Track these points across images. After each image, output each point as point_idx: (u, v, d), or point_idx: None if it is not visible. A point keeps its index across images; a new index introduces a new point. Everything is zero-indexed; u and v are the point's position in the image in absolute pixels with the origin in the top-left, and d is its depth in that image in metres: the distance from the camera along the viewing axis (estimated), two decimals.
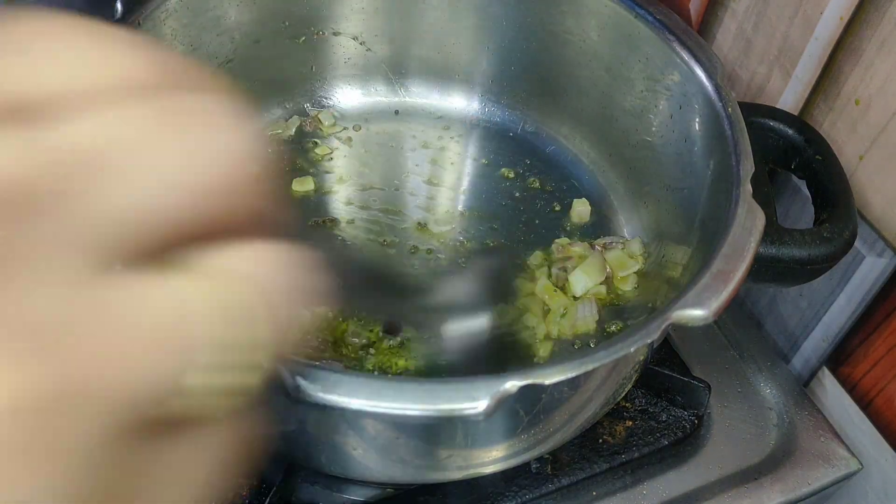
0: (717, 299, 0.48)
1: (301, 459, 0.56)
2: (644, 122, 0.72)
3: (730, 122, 0.60)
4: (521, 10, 0.77)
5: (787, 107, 0.70)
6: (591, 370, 0.44)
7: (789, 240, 0.56)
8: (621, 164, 0.76)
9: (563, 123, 0.81)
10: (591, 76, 0.76)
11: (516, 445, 0.52)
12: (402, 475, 0.56)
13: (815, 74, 0.66)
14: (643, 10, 0.68)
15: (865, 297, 0.66)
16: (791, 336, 0.75)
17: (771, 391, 0.71)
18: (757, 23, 0.70)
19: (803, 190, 0.67)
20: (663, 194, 0.71)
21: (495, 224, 0.75)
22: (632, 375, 0.54)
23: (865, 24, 0.61)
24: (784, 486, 0.64)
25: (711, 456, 0.66)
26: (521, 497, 0.61)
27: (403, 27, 0.81)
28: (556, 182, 0.79)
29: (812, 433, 0.69)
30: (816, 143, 0.63)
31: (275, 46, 0.77)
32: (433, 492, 0.60)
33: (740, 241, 0.51)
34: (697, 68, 0.64)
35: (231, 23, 0.72)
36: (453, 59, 0.83)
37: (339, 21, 0.79)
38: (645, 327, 0.46)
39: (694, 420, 0.66)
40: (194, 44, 0.69)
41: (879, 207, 0.64)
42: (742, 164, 0.56)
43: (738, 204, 0.54)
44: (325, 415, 0.47)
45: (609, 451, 0.64)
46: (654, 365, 0.67)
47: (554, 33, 0.77)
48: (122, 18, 0.61)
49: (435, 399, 0.41)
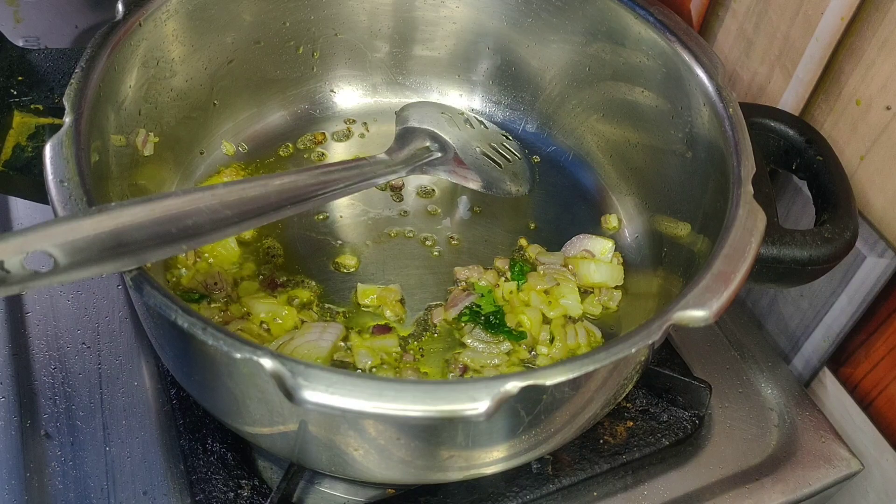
0: (718, 300, 0.48)
1: (302, 460, 0.57)
2: (645, 123, 0.72)
3: (731, 123, 0.59)
4: (521, 11, 0.77)
5: (788, 107, 0.70)
6: (592, 371, 0.44)
7: (790, 240, 0.56)
8: (622, 165, 0.76)
9: (563, 124, 0.81)
10: (592, 77, 0.76)
11: (517, 446, 0.52)
12: (402, 476, 0.56)
13: (816, 75, 0.66)
14: (644, 11, 0.68)
15: (866, 298, 0.66)
16: (792, 336, 0.75)
17: (772, 391, 0.71)
18: (758, 23, 0.70)
19: (804, 190, 0.67)
20: (665, 195, 0.71)
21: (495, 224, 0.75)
22: (633, 376, 0.54)
23: (866, 25, 0.61)
24: (785, 487, 0.65)
25: (712, 456, 0.66)
26: (521, 497, 0.61)
27: (403, 27, 0.81)
28: (556, 182, 0.79)
29: (813, 434, 0.69)
30: (817, 144, 0.63)
31: (275, 47, 0.77)
32: (434, 492, 0.60)
33: (741, 242, 0.51)
34: (699, 69, 0.64)
35: (232, 23, 0.72)
36: (453, 59, 0.83)
37: (339, 22, 0.79)
38: (646, 328, 0.46)
39: (695, 420, 0.66)
40: (195, 44, 0.69)
41: (880, 208, 0.64)
42: (743, 165, 0.56)
43: (739, 205, 0.53)
44: (326, 415, 0.47)
45: (610, 452, 0.64)
46: (656, 365, 0.67)
47: (555, 34, 0.77)
48: (123, 19, 0.61)
49: (436, 400, 0.41)
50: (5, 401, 0.65)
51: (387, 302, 0.66)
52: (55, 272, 0.42)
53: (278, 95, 0.80)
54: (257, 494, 0.59)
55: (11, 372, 0.66)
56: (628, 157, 0.76)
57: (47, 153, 0.50)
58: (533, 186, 0.77)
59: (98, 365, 0.67)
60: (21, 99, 0.60)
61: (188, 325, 0.43)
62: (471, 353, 0.64)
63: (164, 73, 0.67)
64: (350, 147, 0.80)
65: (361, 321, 0.65)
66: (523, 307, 0.67)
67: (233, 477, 0.59)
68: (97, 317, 0.71)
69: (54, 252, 0.42)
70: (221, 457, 0.60)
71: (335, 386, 0.41)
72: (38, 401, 0.65)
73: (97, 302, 0.72)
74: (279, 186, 0.55)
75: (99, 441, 0.63)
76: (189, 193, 0.49)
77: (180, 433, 0.62)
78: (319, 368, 0.42)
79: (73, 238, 0.43)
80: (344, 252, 0.70)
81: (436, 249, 0.72)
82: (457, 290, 0.68)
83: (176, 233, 0.47)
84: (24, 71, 0.62)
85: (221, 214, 0.50)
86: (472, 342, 0.64)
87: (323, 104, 0.82)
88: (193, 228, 0.48)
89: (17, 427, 0.63)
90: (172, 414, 0.64)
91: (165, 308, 0.44)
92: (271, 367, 0.41)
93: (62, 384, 0.66)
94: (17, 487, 0.60)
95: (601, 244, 0.72)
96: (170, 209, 0.47)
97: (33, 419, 0.64)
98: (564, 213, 0.76)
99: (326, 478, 0.61)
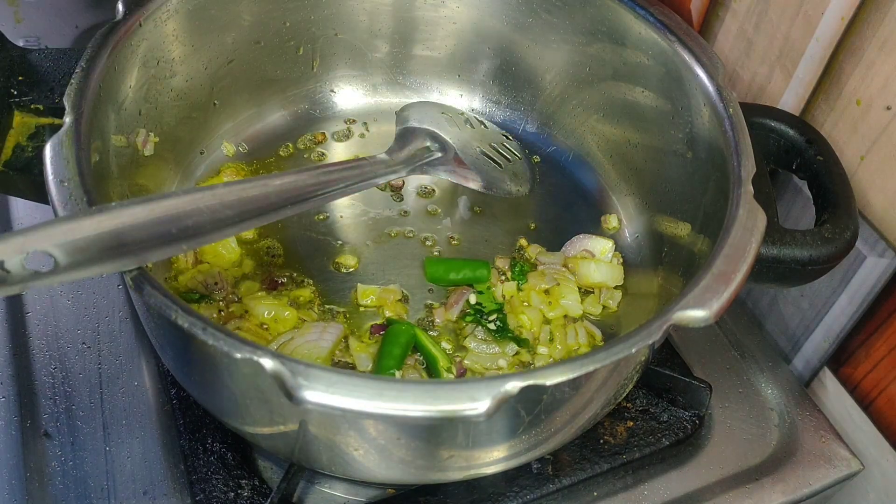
0: (718, 300, 0.48)
1: (302, 460, 0.57)
2: (646, 123, 0.72)
3: (731, 123, 0.59)
4: (521, 11, 0.77)
5: (789, 107, 0.70)
6: (592, 371, 0.44)
7: (790, 240, 0.56)
8: (622, 165, 0.76)
9: (563, 124, 0.81)
10: (592, 77, 0.76)
11: (517, 446, 0.52)
12: (403, 476, 0.56)
13: (817, 75, 0.66)
14: (644, 11, 0.68)
15: (867, 298, 0.66)
16: (792, 336, 0.75)
17: (772, 391, 0.71)
18: (758, 23, 0.70)
19: (804, 190, 0.67)
20: (665, 194, 0.71)
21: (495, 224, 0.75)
22: (633, 376, 0.54)
23: (866, 25, 0.61)
24: (785, 487, 0.65)
25: (712, 456, 0.66)
26: (522, 497, 0.61)
27: (403, 27, 0.81)
28: (556, 182, 0.79)
29: (813, 434, 0.69)
30: (817, 144, 0.63)
31: (275, 47, 0.77)
32: (434, 492, 0.60)
33: (741, 242, 0.51)
34: (699, 69, 0.64)
35: (232, 23, 0.72)
36: (453, 59, 0.83)
37: (339, 22, 0.79)
38: (646, 328, 0.46)
39: (695, 420, 0.66)
40: (195, 44, 0.69)
41: (881, 208, 0.64)
42: (743, 165, 0.56)
43: (739, 205, 0.53)
44: (326, 415, 0.47)
45: (610, 452, 0.64)
46: (656, 365, 0.67)
47: (555, 34, 0.77)
48: (123, 19, 0.61)
49: (436, 400, 0.41)
50: (5, 401, 0.65)
51: (387, 302, 0.66)
52: (55, 272, 0.42)
53: (278, 95, 0.80)
54: (257, 494, 0.59)
55: (11, 372, 0.66)
56: (628, 158, 0.75)
57: (47, 153, 0.50)
58: (533, 186, 0.77)
59: (98, 365, 0.67)
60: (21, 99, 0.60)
61: (188, 325, 0.43)
62: (473, 357, 0.64)
63: (164, 73, 0.67)
64: (350, 147, 0.80)
65: (361, 322, 0.65)
66: (523, 307, 0.67)
67: (233, 477, 0.59)
68: (97, 317, 0.71)
69: (55, 252, 0.42)
70: (221, 457, 0.60)
71: (335, 386, 0.41)
72: (38, 401, 0.65)
73: (97, 302, 0.72)
74: (279, 186, 0.55)
75: (99, 441, 0.63)
76: (189, 193, 0.49)
77: (180, 433, 0.62)
78: (319, 368, 0.42)
79: (73, 238, 0.43)
80: (344, 252, 0.70)
81: (436, 249, 0.72)
82: (456, 291, 0.68)
83: (176, 233, 0.47)
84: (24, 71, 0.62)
85: (221, 214, 0.50)
86: (475, 345, 0.64)
87: (323, 104, 0.82)
88: (194, 228, 0.48)
89: (17, 427, 0.63)
90: (172, 414, 0.64)
91: (165, 308, 0.44)
92: (271, 367, 0.41)
93: (62, 384, 0.66)
94: (18, 487, 0.60)
95: (601, 244, 0.72)
96: (170, 209, 0.47)
97: (33, 419, 0.64)
98: (564, 213, 0.76)
99: (326, 478, 0.61)
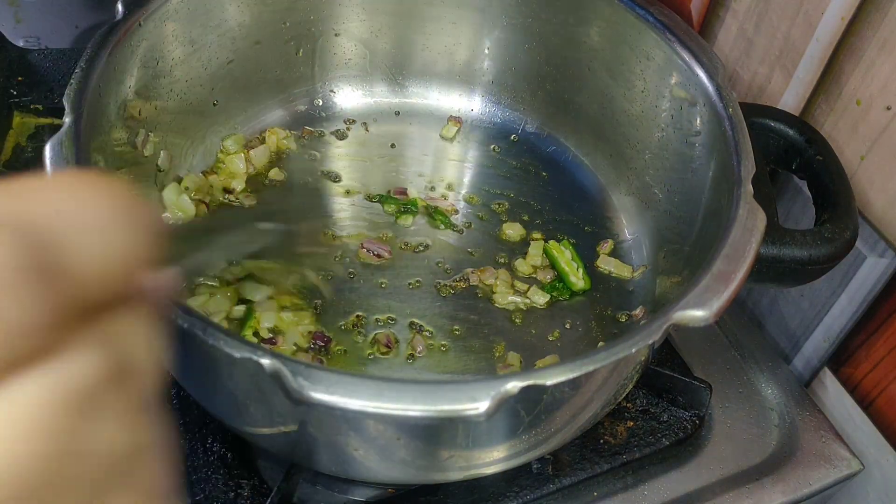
0: (718, 300, 0.48)
1: (302, 460, 0.57)
2: (645, 123, 0.72)
3: (731, 123, 0.59)
4: (521, 11, 0.77)
5: (789, 107, 0.70)
6: (592, 371, 0.44)
7: (790, 240, 0.56)
8: (622, 165, 0.76)
9: (563, 124, 0.81)
10: (592, 77, 0.76)
11: (517, 446, 0.52)
12: (403, 476, 0.56)
13: (817, 75, 0.66)
14: (644, 11, 0.68)
15: (867, 298, 0.66)
16: (792, 336, 0.75)
17: (772, 391, 0.71)
18: (758, 23, 0.70)
19: (804, 190, 0.67)
20: (665, 195, 0.71)
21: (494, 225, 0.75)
22: (633, 376, 0.54)
23: (867, 25, 0.61)
24: (785, 487, 0.64)
25: (712, 456, 0.66)
26: (522, 497, 0.61)
27: (403, 27, 0.81)
28: (556, 183, 0.79)
29: (813, 434, 0.68)
30: (817, 144, 0.63)
31: (275, 47, 0.77)
32: (434, 492, 0.60)
33: (741, 242, 0.51)
34: (699, 69, 0.64)
35: (232, 23, 0.72)
36: (453, 59, 0.83)
37: (339, 22, 0.79)
38: (646, 328, 0.46)
39: (695, 420, 0.66)
40: (195, 44, 0.69)
41: (881, 208, 0.64)
42: (743, 165, 0.56)
43: (739, 204, 0.53)
44: (326, 415, 0.47)
45: (610, 452, 0.64)
46: (656, 365, 0.67)
47: (555, 34, 0.77)
48: (123, 19, 0.61)
49: (436, 400, 0.41)
50: None
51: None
52: None
53: (278, 95, 0.80)
54: (257, 494, 0.58)
55: None
56: (629, 158, 0.75)
57: (47, 153, 0.50)
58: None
59: None
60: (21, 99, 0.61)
61: (188, 325, 0.43)
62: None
63: (164, 73, 0.67)
64: (350, 147, 0.80)
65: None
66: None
67: (233, 477, 0.59)
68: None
69: None
70: (221, 457, 0.60)
71: (335, 386, 0.41)
72: None
73: None
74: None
75: None
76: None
77: (180, 433, 0.62)
78: (320, 368, 0.42)
79: None
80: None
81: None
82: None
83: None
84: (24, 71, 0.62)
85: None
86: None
87: (323, 104, 0.82)
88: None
89: None
90: (172, 414, 0.64)
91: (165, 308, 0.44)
92: (271, 367, 0.41)
93: None
94: None
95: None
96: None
97: None
98: (565, 212, 0.76)
99: (326, 478, 0.61)
